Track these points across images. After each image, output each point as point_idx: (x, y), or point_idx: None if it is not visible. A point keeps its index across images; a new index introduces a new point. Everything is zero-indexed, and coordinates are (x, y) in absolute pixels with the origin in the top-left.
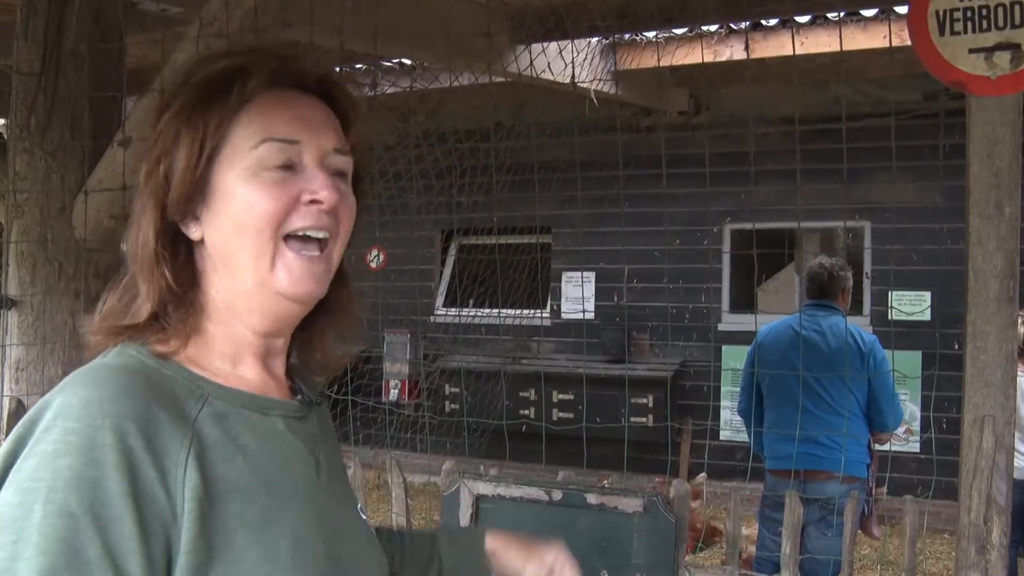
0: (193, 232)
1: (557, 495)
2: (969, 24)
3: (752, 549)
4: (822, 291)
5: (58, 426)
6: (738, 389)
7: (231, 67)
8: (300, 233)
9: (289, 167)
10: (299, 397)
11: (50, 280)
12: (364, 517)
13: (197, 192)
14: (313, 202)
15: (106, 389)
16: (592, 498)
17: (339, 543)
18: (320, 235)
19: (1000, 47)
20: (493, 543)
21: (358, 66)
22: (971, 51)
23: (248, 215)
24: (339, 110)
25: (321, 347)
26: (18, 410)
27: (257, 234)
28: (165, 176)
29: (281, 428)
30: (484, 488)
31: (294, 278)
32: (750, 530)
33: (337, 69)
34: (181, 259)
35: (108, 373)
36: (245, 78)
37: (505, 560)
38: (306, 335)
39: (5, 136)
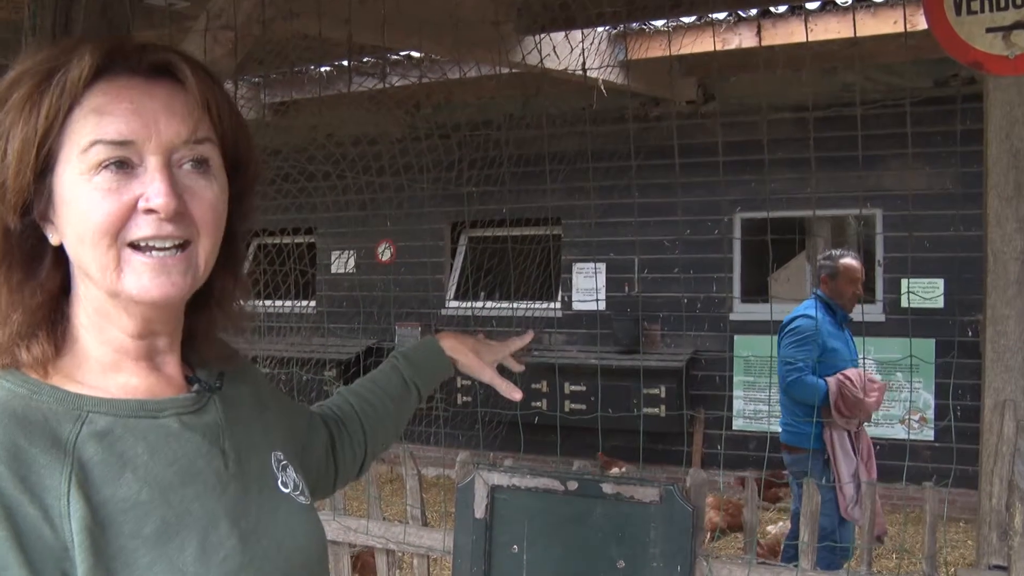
0: (52, 237)
1: (572, 485)
2: (986, 3)
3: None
4: (814, 280)
5: None
6: (751, 378)
7: (54, 63)
8: (141, 244)
9: (126, 166)
10: (195, 388)
11: None
12: (287, 491)
13: (38, 198)
14: (150, 211)
15: None
16: (608, 487)
17: (258, 531)
18: (165, 244)
19: (1018, 26)
20: (448, 345)
21: (366, 59)
22: (988, 30)
23: (84, 224)
24: (197, 92)
25: (209, 339)
26: None
27: (94, 245)
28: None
29: (176, 428)
30: (499, 479)
31: (144, 284)
32: (784, 523)
33: (345, 63)
34: (47, 264)
35: None
36: (66, 73)
37: (462, 357)
38: (194, 326)
39: None
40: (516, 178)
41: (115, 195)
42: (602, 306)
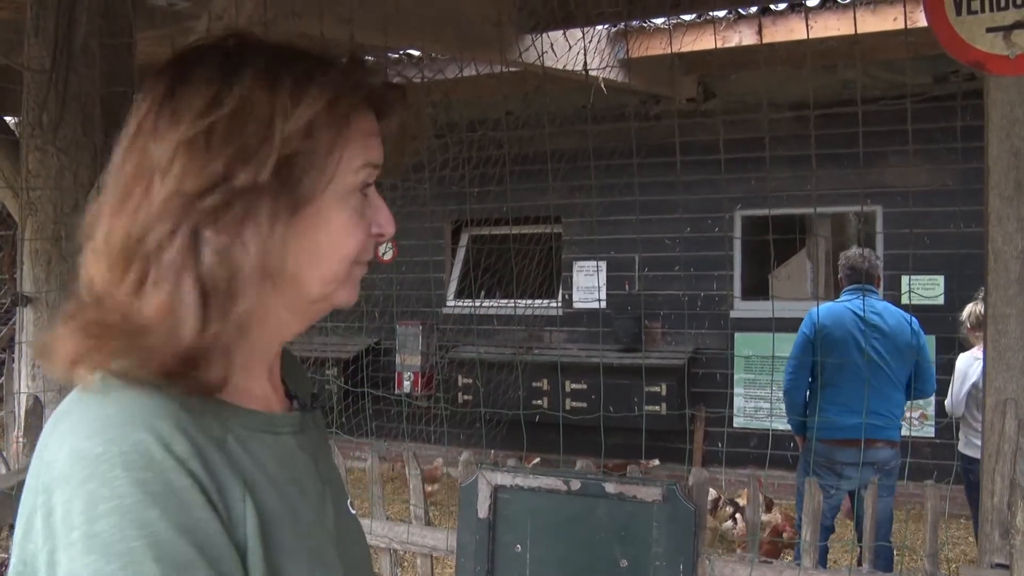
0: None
1: (575, 485)
2: (986, 3)
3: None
4: (865, 277)
5: (121, 477)
6: (752, 376)
7: (350, 77)
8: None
9: (364, 191)
10: (296, 406)
11: (65, 277)
12: (353, 512)
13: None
14: (380, 235)
15: (159, 427)
16: (610, 487)
17: (350, 555)
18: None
19: (1018, 25)
20: None
21: (367, 59)
22: (989, 30)
23: (333, 245)
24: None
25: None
26: (35, 407)
27: (338, 262)
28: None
29: (293, 447)
30: (502, 479)
31: (350, 292)
32: (772, 513)
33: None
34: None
35: (146, 409)
36: (353, 98)
37: None
38: None
39: (17, 134)
40: (516, 176)
41: (363, 222)
42: (603, 304)
